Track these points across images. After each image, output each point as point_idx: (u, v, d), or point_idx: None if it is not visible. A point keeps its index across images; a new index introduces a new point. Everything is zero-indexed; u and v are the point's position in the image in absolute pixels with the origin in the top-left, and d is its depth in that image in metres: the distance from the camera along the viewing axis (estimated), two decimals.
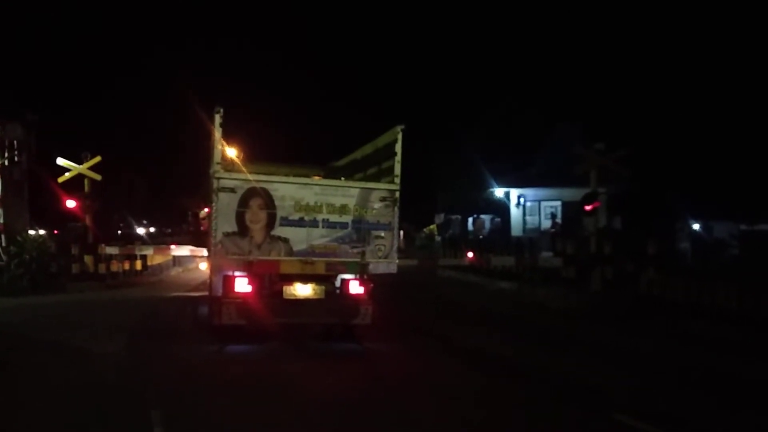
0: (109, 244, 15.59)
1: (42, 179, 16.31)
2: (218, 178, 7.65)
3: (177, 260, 20.25)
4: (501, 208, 25.90)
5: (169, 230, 39.36)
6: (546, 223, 23.42)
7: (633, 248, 14.20)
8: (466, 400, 6.19)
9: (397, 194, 8.25)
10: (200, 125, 8.41)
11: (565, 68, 30.21)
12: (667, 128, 24.62)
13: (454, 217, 30.38)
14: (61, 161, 15.43)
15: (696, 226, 24.35)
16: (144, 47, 44.94)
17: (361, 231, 8.15)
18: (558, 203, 23.50)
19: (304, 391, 6.28)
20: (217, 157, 7.68)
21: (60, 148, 16.25)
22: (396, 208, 8.25)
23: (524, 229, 24.33)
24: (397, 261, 8.38)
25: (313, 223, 7.99)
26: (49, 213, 18.51)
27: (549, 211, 23.66)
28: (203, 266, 9.70)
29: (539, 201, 24.39)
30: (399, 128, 8.18)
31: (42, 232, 17.10)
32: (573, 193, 22.14)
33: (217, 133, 7.66)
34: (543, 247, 19.93)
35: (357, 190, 8.20)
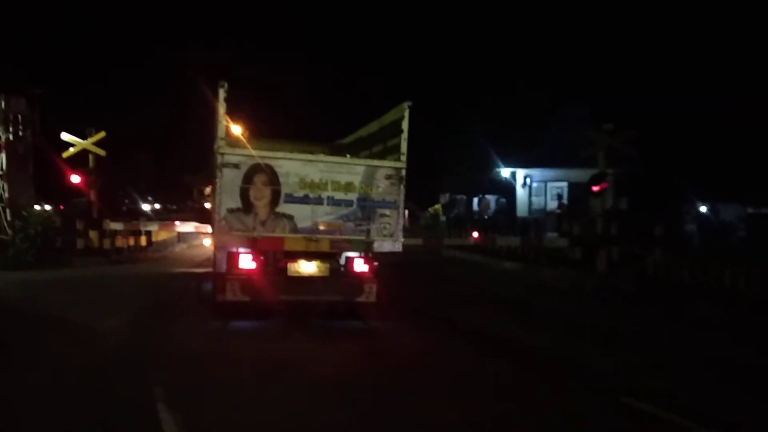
0: (113, 220, 15.59)
1: (47, 154, 16.27)
2: (222, 154, 7.57)
3: (181, 236, 20.24)
4: (507, 189, 25.75)
5: (174, 207, 39.40)
6: (552, 204, 23.30)
7: (639, 230, 14.12)
8: (471, 381, 6.15)
9: (403, 172, 8.16)
10: (205, 102, 8.30)
11: (571, 48, 29.81)
12: (675, 110, 24.26)
13: (458, 197, 30.26)
14: (65, 136, 15.35)
15: (703, 209, 24.17)
16: (151, 25, 44.48)
17: (366, 209, 8.08)
18: (564, 184, 23.36)
19: (308, 368, 6.25)
20: (221, 133, 7.58)
21: (65, 124, 16.18)
22: (402, 186, 8.16)
23: (530, 210, 24.23)
24: (402, 240, 8.31)
25: (318, 201, 7.92)
26: (53, 188, 18.47)
27: (555, 191, 23.54)
28: (207, 242, 9.66)
29: (545, 182, 24.24)
30: (406, 105, 8.06)
31: (48, 207, 17.07)
32: (579, 174, 21.99)
33: (221, 108, 7.55)
34: (548, 228, 19.88)
35: (362, 167, 8.11)
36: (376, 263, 8.38)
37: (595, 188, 13.53)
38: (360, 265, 8.28)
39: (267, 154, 7.84)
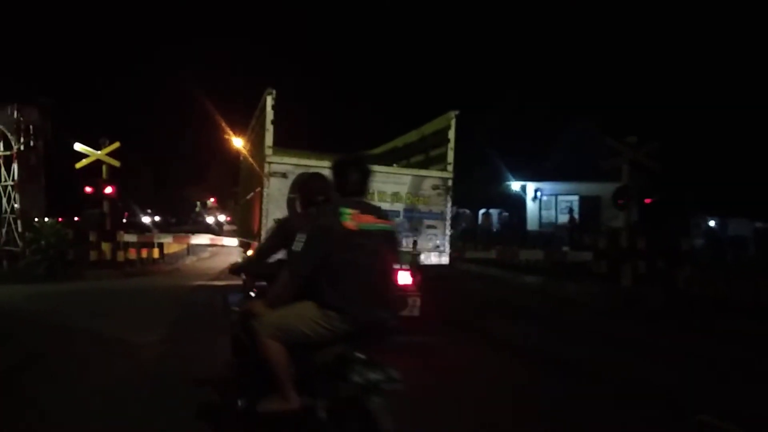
0: (127, 232, 15.31)
1: (60, 165, 16.01)
2: (270, 163, 7.36)
3: (191, 249, 19.95)
4: (516, 202, 25.69)
5: (174, 219, 39.06)
6: (562, 218, 23.23)
7: (663, 244, 14.01)
8: (527, 396, 5.93)
9: (450, 182, 8.01)
10: (206, 115, 8.12)
11: (578, 61, 29.98)
12: (683, 124, 24.40)
13: (462, 211, 30.20)
14: (78, 147, 15.12)
15: (711, 223, 24.23)
16: (153, 39, 44.39)
17: (413, 220, 7.90)
18: (575, 197, 23.32)
19: None
20: (268, 141, 7.38)
21: (74, 135, 15.94)
22: (449, 197, 8.00)
23: (540, 224, 24.14)
24: (449, 251, 8.12)
25: None
26: (66, 199, 18.16)
27: (565, 205, 23.47)
28: (250, 254, 9.38)
29: (556, 195, 24.20)
30: (453, 114, 7.93)
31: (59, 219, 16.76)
32: (590, 188, 22.05)
33: (269, 116, 7.37)
34: (562, 242, 19.77)
35: (409, 177, 7.94)
36: (420, 276, 8.16)
37: (620, 201, 13.43)
38: (405, 278, 8.05)
39: (314, 163, 7.63)
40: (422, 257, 7.98)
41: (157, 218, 36.74)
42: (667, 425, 5.32)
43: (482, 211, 30.22)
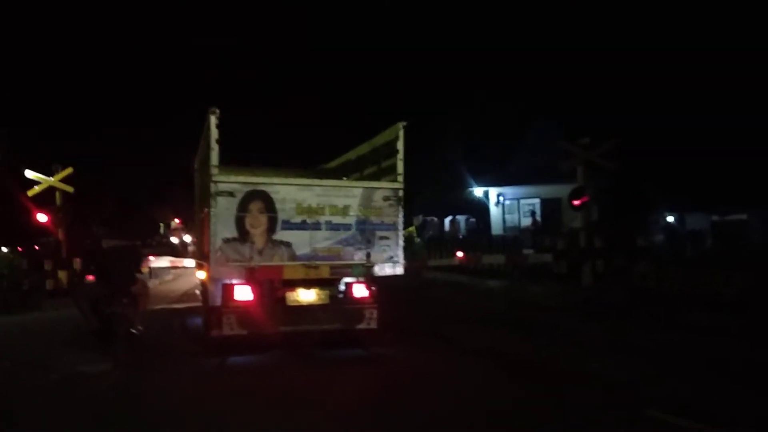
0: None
1: (10, 193, 15.58)
2: (216, 182, 7.28)
3: (153, 272, 19.54)
4: (480, 208, 25.90)
5: (138, 242, 38.29)
6: (525, 221, 23.50)
7: (621, 242, 14.27)
8: (483, 398, 5.99)
9: (401, 193, 8.02)
10: (171, 133, 8.04)
11: (538, 64, 30.44)
12: (642, 123, 24.96)
13: (429, 218, 30.32)
14: (30, 174, 14.73)
15: (670, 218, 24.78)
16: (111, 53, 43.66)
17: (366, 232, 7.88)
18: (537, 201, 23.62)
19: (315, 402, 5.95)
20: (214, 160, 7.30)
21: (28, 161, 15.54)
22: (400, 207, 8.01)
23: (504, 228, 24.37)
24: (403, 262, 8.13)
25: (316, 226, 7.69)
26: (19, 229, 17.66)
27: (528, 208, 23.75)
28: (201, 275, 9.28)
29: (518, 199, 24.47)
30: (401, 125, 7.96)
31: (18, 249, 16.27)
32: (551, 190, 22.36)
33: (213, 135, 7.29)
34: (525, 245, 19.96)
35: (360, 189, 7.93)
36: (376, 288, 8.14)
37: (576, 202, 13.64)
38: (360, 291, 8.05)
39: (262, 180, 7.59)
40: (376, 269, 7.97)
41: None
42: (615, 421, 5.40)
43: (449, 218, 30.41)
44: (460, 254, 14.58)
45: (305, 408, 5.75)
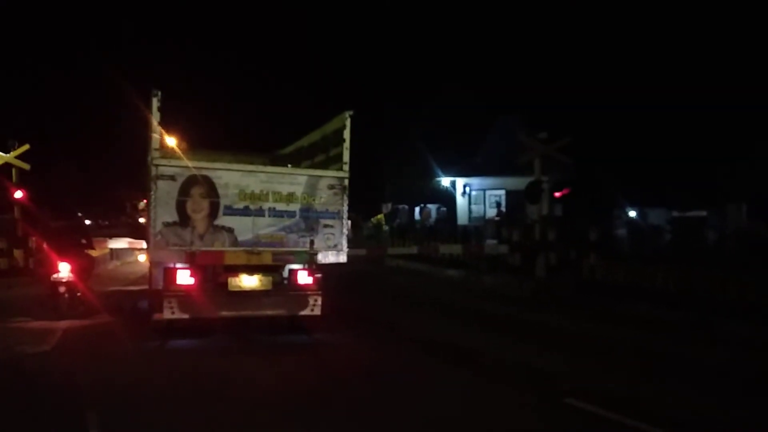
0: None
1: None
2: (156, 165, 7.28)
3: (114, 253, 19.37)
4: (447, 198, 26.08)
5: (107, 222, 37.82)
6: (491, 212, 23.74)
7: (575, 235, 14.55)
8: (418, 389, 6.13)
9: (346, 182, 8.08)
10: (138, 113, 7.98)
11: (507, 57, 30.63)
12: (605, 118, 25.29)
13: (401, 206, 30.46)
14: None
15: (632, 213, 25.25)
16: (79, 31, 42.77)
17: (310, 220, 7.95)
18: (502, 192, 23.88)
19: (251, 387, 6.07)
20: (154, 144, 7.29)
21: None
22: (345, 196, 8.08)
23: (470, 218, 24.61)
24: (346, 250, 8.22)
25: (259, 212, 7.73)
26: None
27: (494, 199, 24.01)
28: (142, 258, 9.27)
29: (484, 190, 24.72)
30: (347, 114, 8.01)
31: None
32: (516, 182, 22.53)
33: (155, 118, 7.27)
34: (488, 235, 20.21)
35: (305, 177, 7.98)
36: (320, 275, 8.23)
37: (558, 194, 13.90)
38: (304, 278, 8.12)
39: (204, 165, 7.60)
40: (320, 256, 8.04)
41: (87, 222, 35.48)
42: (534, 409, 5.60)
43: (419, 206, 30.57)
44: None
45: (228, 392, 5.86)
